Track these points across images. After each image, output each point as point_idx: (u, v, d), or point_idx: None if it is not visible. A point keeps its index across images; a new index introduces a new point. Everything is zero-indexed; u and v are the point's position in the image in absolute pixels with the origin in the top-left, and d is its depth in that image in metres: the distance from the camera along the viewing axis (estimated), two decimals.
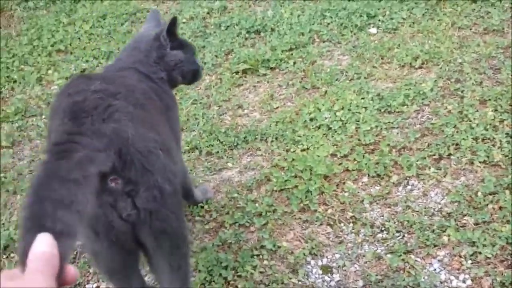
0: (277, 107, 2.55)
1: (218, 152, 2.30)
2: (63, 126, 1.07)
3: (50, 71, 3.13)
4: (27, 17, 3.85)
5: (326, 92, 2.57)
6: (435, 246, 1.73)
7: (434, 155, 2.09)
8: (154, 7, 3.72)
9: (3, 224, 2.01)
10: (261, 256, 1.79)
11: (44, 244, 0.59)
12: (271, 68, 2.87)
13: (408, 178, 2.02)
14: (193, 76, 1.75)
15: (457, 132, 2.17)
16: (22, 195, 2.15)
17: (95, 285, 1.76)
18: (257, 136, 2.37)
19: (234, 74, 2.86)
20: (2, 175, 2.27)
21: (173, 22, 1.61)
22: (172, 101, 1.65)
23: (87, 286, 1.76)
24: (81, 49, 3.32)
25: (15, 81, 3.05)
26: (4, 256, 1.88)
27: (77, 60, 3.21)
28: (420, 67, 2.65)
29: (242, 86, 2.78)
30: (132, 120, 1.11)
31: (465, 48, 2.73)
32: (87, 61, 3.19)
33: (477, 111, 2.26)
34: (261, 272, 1.73)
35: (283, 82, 2.74)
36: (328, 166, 2.08)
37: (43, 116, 2.68)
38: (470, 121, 2.21)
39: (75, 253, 1.89)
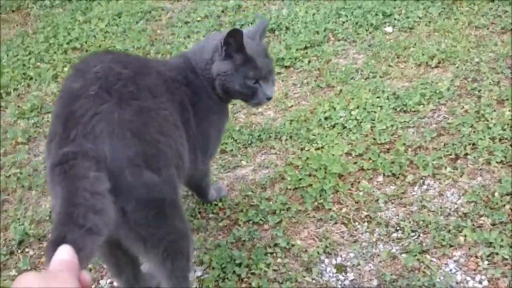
0: (292, 106, 2.55)
1: (232, 150, 2.30)
2: (58, 135, 1.13)
3: (65, 69, 3.14)
4: (44, 15, 3.88)
5: (341, 90, 2.55)
6: (451, 246, 1.71)
7: (450, 154, 2.07)
8: (169, 5, 3.74)
9: (18, 219, 2.03)
10: (274, 254, 1.79)
11: (66, 253, 0.65)
12: (285, 66, 2.86)
13: (424, 177, 2.00)
14: (241, 96, 1.59)
15: (474, 131, 2.15)
16: (37, 191, 2.17)
17: (108, 280, 1.77)
18: (271, 134, 2.36)
19: None
20: (18, 170, 2.29)
21: (234, 34, 1.48)
22: (208, 110, 1.57)
23: (101, 281, 1.77)
24: (96, 47, 3.34)
25: (31, 78, 3.07)
26: (19, 251, 1.89)
27: None
28: (437, 66, 2.63)
29: None
30: (112, 132, 1.11)
31: (482, 47, 2.70)
32: None
33: (494, 111, 2.24)
34: (274, 270, 1.72)
35: (297, 81, 2.73)
36: (343, 165, 2.07)
37: None
38: (487, 121, 2.18)
39: None
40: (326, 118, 2.37)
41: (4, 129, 2.63)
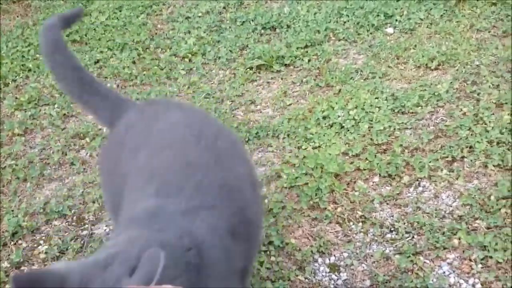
0: (290, 104, 2.54)
1: None
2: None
3: None
4: (44, 7, 3.87)
5: (340, 90, 2.54)
6: (445, 248, 1.71)
7: (447, 157, 2.06)
8: (170, 0, 3.72)
9: (12, 211, 2.02)
10: (268, 252, 1.78)
11: None
12: (285, 64, 2.85)
13: (419, 179, 1.99)
14: None
15: (471, 134, 2.14)
16: (32, 183, 2.16)
17: None
18: (269, 132, 2.35)
19: (248, 69, 2.85)
20: (13, 162, 2.28)
21: None
22: None
23: None
24: (96, 40, 3.33)
25: (30, 70, 3.06)
26: (12, 243, 1.88)
27: (91, 51, 3.22)
28: (436, 69, 2.62)
29: (255, 82, 2.77)
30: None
31: (483, 50, 2.69)
32: (101, 52, 3.20)
33: (493, 114, 2.23)
34: (267, 268, 1.72)
35: (297, 79, 2.72)
36: (340, 164, 2.06)
37: (56, 106, 2.69)
38: (486, 124, 2.18)
39: (82, 242, 1.90)
40: (324, 117, 2.36)
41: (1, 120, 2.62)
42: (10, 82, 2.96)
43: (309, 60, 2.84)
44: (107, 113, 1.35)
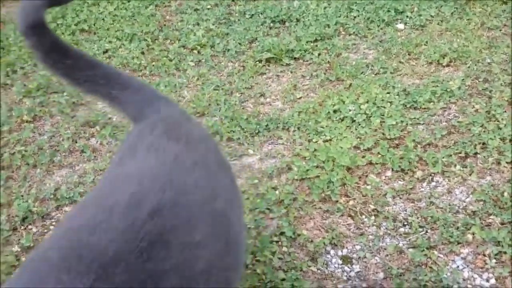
0: (300, 97, 2.53)
1: (239, 138, 2.28)
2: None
3: None
4: None
5: (350, 84, 2.54)
6: (458, 243, 1.70)
7: (460, 153, 2.05)
8: None
9: (22, 196, 2.01)
10: (280, 243, 1.77)
11: None
12: (295, 58, 2.84)
13: (433, 174, 1.98)
14: None
15: (484, 131, 2.14)
16: (42, 169, 2.14)
17: None
18: (279, 124, 2.34)
19: (257, 62, 2.84)
20: (22, 148, 2.27)
21: None
22: None
23: None
24: (104, 30, 3.32)
25: None
26: (22, 228, 1.87)
27: (100, 41, 3.20)
28: (448, 65, 2.61)
29: (265, 74, 2.76)
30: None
31: (494, 48, 2.69)
32: (110, 42, 3.18)
33: (505, 111, 2.22)
34: (279, 258, 1.71)
35: (306, 73, 2.71)
36: (352, 158, 2.05)
37: (65, 94, 2.68)
38: (498, 121, 2.17)
39: None
40: (335, 111, 2.35)
41: (10, 107, 2.60)
42: (18, 69, 2.94)
43: (319, 54, 2.83)
44: (135, 108, 1.22)
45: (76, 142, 2.32)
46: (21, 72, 2.92)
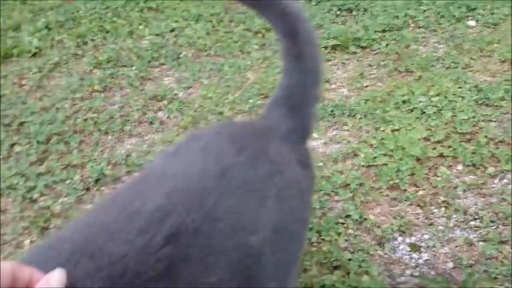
0: (367, 86, 2.51)
1: None
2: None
3: (141, 27, 3.18)
4: None
5: (420, 77, 2.50)
6: None
7: None
8: None
9: (95, 159, 2.07)
10: (346, 225, 1.77)
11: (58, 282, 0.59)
12: (362, 47, 2.82)
13: (505, 171, 1.93)
14: None
15: None
16: (114, 136, 2.21)
17: None
18: (344, 111, 2.33)
19: (323, 49, 2.82)
20: (95, 115, 2.34)
21: None
22: None
23: None
24: (171, 9, 3.37)
25: (107, 32, 3.13)
26: (95, 188, 1.94)
27: (167, 19, 3.26)
28: None
29: (330, 61, 2.75)
30: None
31: None
32: (176, 21, 3.23)
33: None
34: (345, 240, 1.71)
35: (374, 62, 2.68)
36: (422, 148, 2.03)
37: (134, 68, 2.74)
38: None
39: None
40: (404, 102, 2.32)
41: (81, 76, 2.68)
42: (89, 41, 3.03)
43: (387, 45, 2.80)
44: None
45: (145, 113, 2.37)
46: (91, 44, 3.00)
